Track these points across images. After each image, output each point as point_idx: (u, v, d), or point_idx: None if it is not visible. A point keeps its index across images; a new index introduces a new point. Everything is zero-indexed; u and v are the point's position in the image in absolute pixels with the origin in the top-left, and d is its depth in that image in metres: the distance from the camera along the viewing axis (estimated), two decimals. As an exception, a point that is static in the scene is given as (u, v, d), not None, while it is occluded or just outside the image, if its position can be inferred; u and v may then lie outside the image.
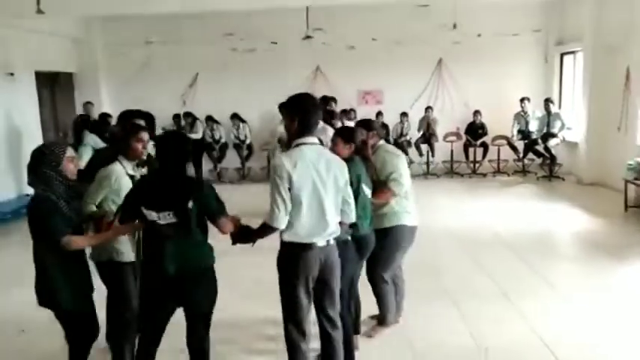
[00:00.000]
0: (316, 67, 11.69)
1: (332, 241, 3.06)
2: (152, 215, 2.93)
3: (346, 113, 9.14)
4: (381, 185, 3.80)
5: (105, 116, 8.64)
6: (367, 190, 3.54)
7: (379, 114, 11.19)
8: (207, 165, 11.47)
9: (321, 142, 3.13)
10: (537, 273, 5.52)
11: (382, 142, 4.05)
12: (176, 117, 11.37)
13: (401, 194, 3.92)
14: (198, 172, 11.24)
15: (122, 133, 3.66)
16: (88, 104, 10.26)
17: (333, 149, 3.46)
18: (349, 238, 3.36)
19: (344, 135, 3.58)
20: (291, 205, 2.90)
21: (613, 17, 9.15)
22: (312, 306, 3.16)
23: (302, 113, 3.01)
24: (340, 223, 3.10)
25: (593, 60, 9.69)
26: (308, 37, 10.86)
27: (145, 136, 3.56)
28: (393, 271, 4.13)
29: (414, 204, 4.13)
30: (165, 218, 2.91)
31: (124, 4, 6.39)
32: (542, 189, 9.91)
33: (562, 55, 11.40)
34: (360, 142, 3.60)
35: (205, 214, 2.97)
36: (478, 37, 11.40)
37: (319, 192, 2.94)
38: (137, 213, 3.00)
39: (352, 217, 3.16)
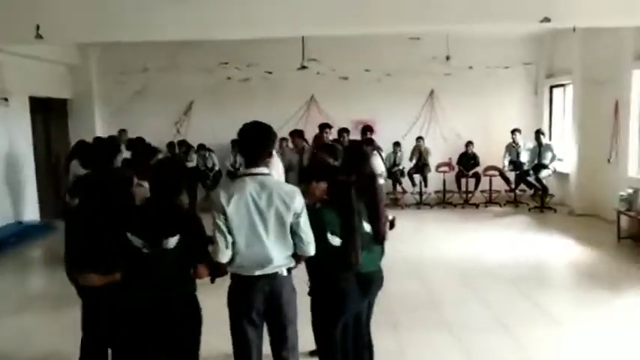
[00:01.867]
0: (310, 96, 11.80)
1: (282, 272, 2.91)
2: (136, 242, 2.86)
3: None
4: None
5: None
6: (335, 240, 3.11)
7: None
8: (200, 193, 11.41)
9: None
10: (534, 304, 5.52)
11: None
12: (170, 145, 11.33)
13: None
14: (192, 201, 11.17)
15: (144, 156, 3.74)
16: (122, 132, 10.36)
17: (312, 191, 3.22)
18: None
19: (314, 173, 3.30)
20: (231, 238, 2.82)
21: (602, 51, 9.36)
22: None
23: (244, 143, 2.95)
24: (297, 256, 2.96)
25: (583, 93, 9.87)
26: (303, 67, 11.01)
27: None
28: None
29: None
30: (148, 247, 2.84)
31: (122, 31, 6.40)
32: (534, 220, 9.96)
33: (552, 87, 11.62)
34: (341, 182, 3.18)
35: (187, 252, 2.89)
36: (469, 69, 11.59)
37: (256, 226, 2.82)
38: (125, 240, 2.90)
39: (308, 251, 2.94)
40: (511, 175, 11.17)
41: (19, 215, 9.46)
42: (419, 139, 11.48)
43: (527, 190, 11.10)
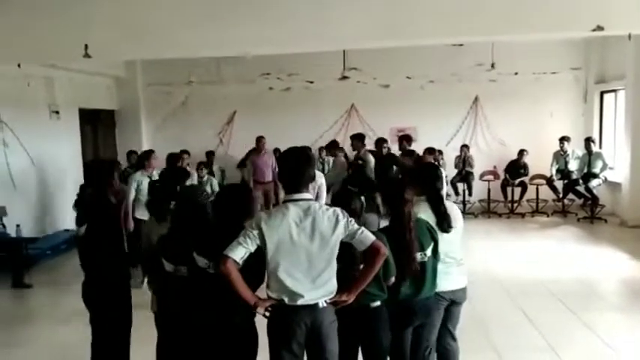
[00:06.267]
0: (351, 105, 11.75)
1: (323, 304, 2.83)
2: (201, 262, 2.94)
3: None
4: None
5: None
6: None
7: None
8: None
9: None
10: (584, 324, 5.30)
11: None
12: (210, 153, 11.41)
13: None
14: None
15: None
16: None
17: None
18: (379, 303, 3.08)
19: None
20: (249, 250, 2.76)
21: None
22: None
23: (286, 169, 2.96)
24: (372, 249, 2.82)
25: (636, 98, 9.47)
26: (345, 77, 10.99)
27: None
28: None
29: None
30: (214, 267, 2.88)
31: (167, 49, 6.51)
32: (584, 231, 9.59)
33: (602, 93, 11.18)
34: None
35: (249, 273, 2.88)
36: (515, 75, 11.29)
37: (299, 254, 2.78)
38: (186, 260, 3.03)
39: (367, 242, 2.81)
40: (559, 185, 10.80)
41: (69, 223, 9.74)
42: (463, 147, 11.25)
43: (576, 199, 10.70)
